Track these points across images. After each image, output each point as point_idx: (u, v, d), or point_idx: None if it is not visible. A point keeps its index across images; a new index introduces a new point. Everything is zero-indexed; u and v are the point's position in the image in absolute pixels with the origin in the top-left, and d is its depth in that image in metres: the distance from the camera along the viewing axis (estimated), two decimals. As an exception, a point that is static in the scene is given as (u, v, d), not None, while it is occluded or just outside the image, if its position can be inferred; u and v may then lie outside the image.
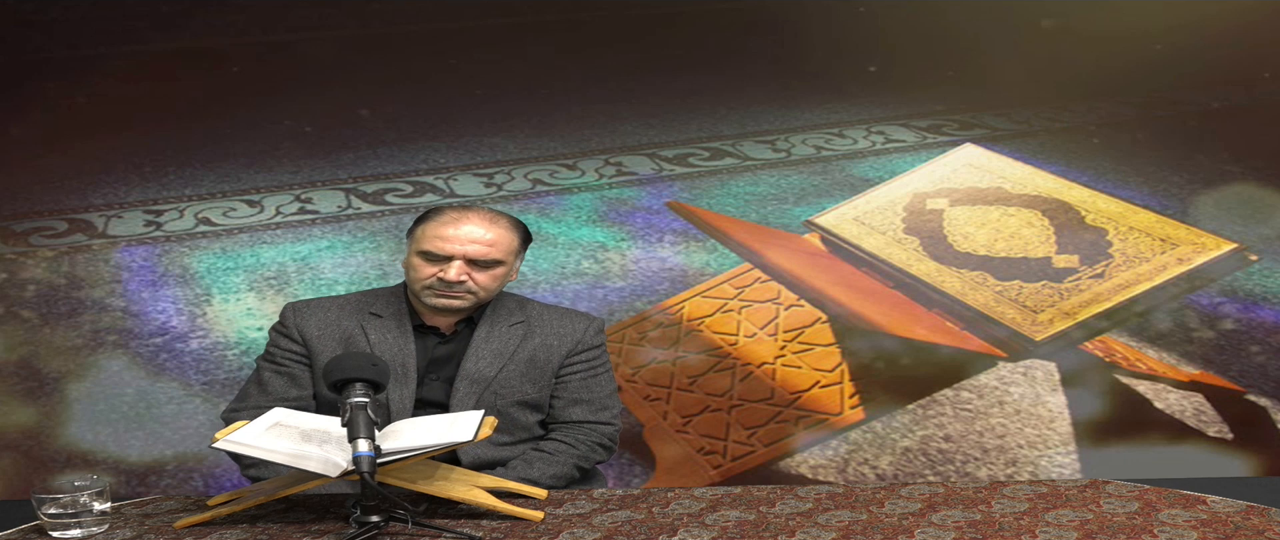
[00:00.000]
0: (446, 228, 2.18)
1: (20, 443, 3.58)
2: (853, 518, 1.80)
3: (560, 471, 2.20)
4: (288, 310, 2.30)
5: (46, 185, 3.75)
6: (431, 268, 2.18)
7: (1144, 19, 3.71)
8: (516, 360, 2.24)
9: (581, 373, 2.30)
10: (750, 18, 3.81)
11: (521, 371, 2.24)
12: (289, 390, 2.22)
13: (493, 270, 2.21)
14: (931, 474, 3.47)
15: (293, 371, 2.25)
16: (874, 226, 3.70)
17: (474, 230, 2.18)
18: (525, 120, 3.82)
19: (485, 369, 2.22)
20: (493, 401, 2.20)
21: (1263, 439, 3.48)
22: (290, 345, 2.26)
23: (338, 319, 2.26)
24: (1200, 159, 3.68)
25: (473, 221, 2.19)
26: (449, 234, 2.18)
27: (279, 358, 2.26)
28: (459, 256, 2.17)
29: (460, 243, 2.17)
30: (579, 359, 2.29)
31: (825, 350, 3.59)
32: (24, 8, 3.76)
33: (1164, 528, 1.70)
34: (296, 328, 2.26)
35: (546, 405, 2.29)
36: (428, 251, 2.18)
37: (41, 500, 1.79)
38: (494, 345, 2.24)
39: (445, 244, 2.17)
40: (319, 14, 3.81)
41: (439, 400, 2.21)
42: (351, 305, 2.29)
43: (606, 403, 2.31)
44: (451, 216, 2.20)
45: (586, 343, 2.30)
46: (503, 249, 2.21)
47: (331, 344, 2.23)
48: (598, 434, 2.28)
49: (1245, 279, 3.58)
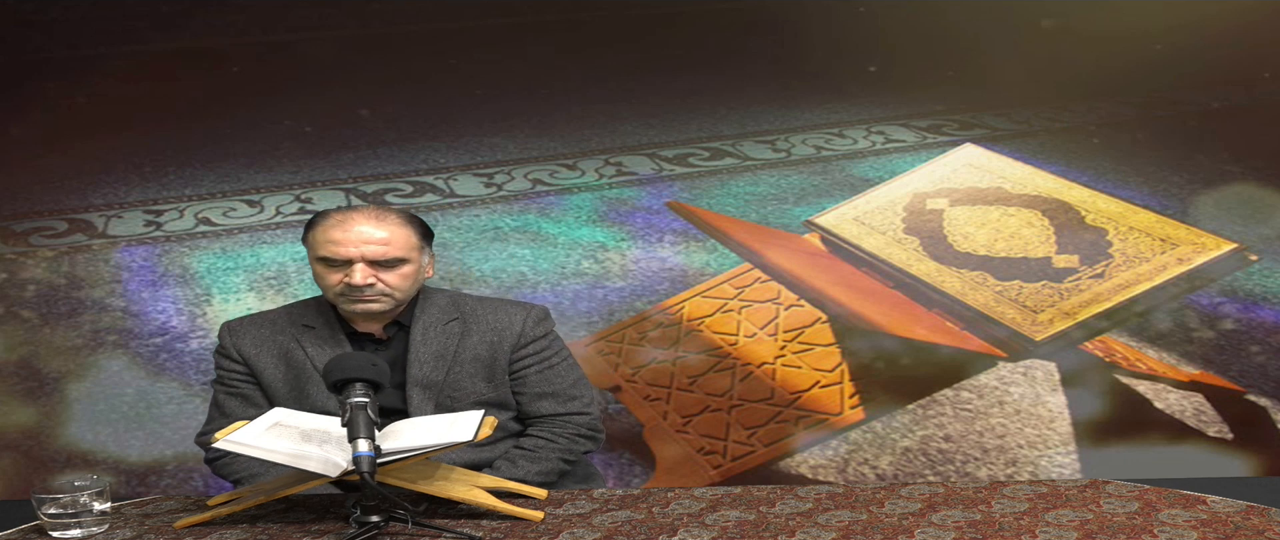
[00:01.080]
0: (334, 231, 2.13)
1: (20, 443, 3.58)
2: (853, 518, 1.80)
3: (547, 467, 2.19)
4: (223, 332, 2.27)
5: (46, 185, 3.75)
6: (335, 274, 2.13)
7: (1144, 19, 3.71)
8: (461, 361, 2.20)
9: (535, 366, 2.25)
10: (750, 18, 3.81)
11: (469, 371, 2.21)
12: (247, 410, 2.19)
13: (398, 269, 2.14)
14: (931, 474, 3.47)
15: (244, 391, 2.24)
16: (874, 226, 3.70)
17: (364, 230, 2.12)
18: (525, 120, 3.81)
19: (431, 373, 2.19)
20: (449, 405, 2.17)
21: (1263, 439, 3.48)
22: (233, 366, 2.25)
23: (271, 335, 2.23)
24: (1200, 159, 3.68)
25: (360, 221, 2.13)
26: (339, 237, 2.12)
27: (227, 380, 2.25)
28: (357, 259, 2.11)
29: (355, 244, 2.11)
30: (526, 352, 2.24)
31: (825, 350, 3.59)
32: (24, 8, 3.76)
33: (1164, 528, 1.70)
34: (235, 348, 2.24)
35: (511, 403, 2.25)
36: (324, 257, 2.13)
37: (41, 500, 1.79)
38: (433, 347, 2.20)
39: (339, 248, 2.12)
40: (319, 14, 3.81)
41: (397, 407, 2.17)
42: (283, 319, 2.25)
43: (572, 392, 2.27)
44: (337, 218, 2.14)
45: (529, 334, 2.24)
46: (401, 245, 2.14)
47: (270, 361, 2.21)
48: (574, 425, 2.25)
49: (1245, 279, 3.58)
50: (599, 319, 3.61)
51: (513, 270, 3.67)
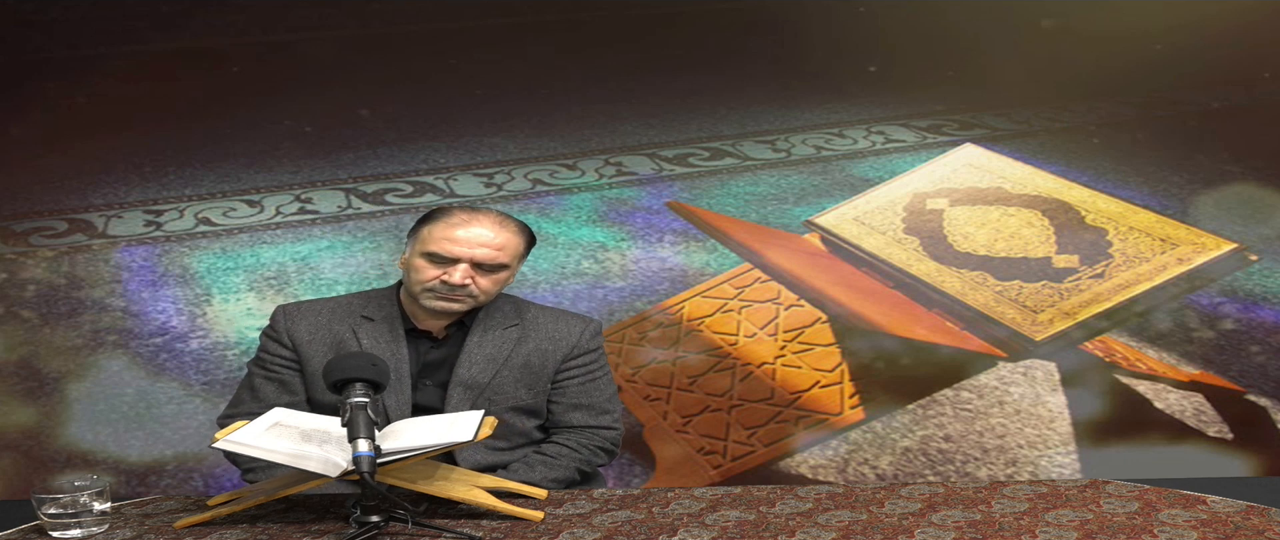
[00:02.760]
0: (455, 229, 2.13)
1: (20, 443, 3.58)
2: (853, 518, 1.80)
3: (561, 475, 2.19)
4: (278, 314, 2.25)
5: (46, 185, 3.75)
6: (435, 270, 2.14)
7: (1144, 19, 3.71)
8: (511, 365, 2.21)
9: (579, 377, 2.27)
10: (750, 18, 3.81)
11: (516, 377, 2.21)
12: (281, 397, 2.19)
13: (496, 275, 2.17)
14: (931, 474, 3.47)
15: (283, 377, 2.22)
16: (874, 226, 3.70)
17: (484, 233, 2.14)
18: (525, 120, 3.81)
19: (479, 375, 2.19)
20: (487, 407, 2.17)
21: (1263, 439, 3.48)
22: (280, 351, 2.23)
23: (329, 322, 2.22)
24: (1200, 159, 3.68)
25: (483, 224, 2.15)
26: (458, 236, 2.13)
27: (269, 363, 2.23)
28: (466, 259, 2.12)
29: (469, 245, 2.12)
30: (576, 364, 2.26)
31: (825, 350, 3.59)
32: (24, 8, 3.76)
33: (1164, 528, 1.70)
34: (287, 332, 2.22)
35: (544, 410, 2.26)
36: (434, 253, 2.13)
37: (41, 500, 1.79)
38: (487, 350, 2.21)
39: (454, 246, 2.12)
40: (319, 14, 3.81)
41: (434, 406, 2.18)
42: (343, 308, 2.25)
43: (606, 406, 2.28)
44: (461, 218, 2.15)
45: (583, 347, 2.26)
46: (510, 253, 2.17)
47: (322, 349, 2.20)
48: (599, 438, 2.26)
49: (1245, 279, 3.58)
50: (599, 319, 3.60)
51: (513, 270, 3.67)
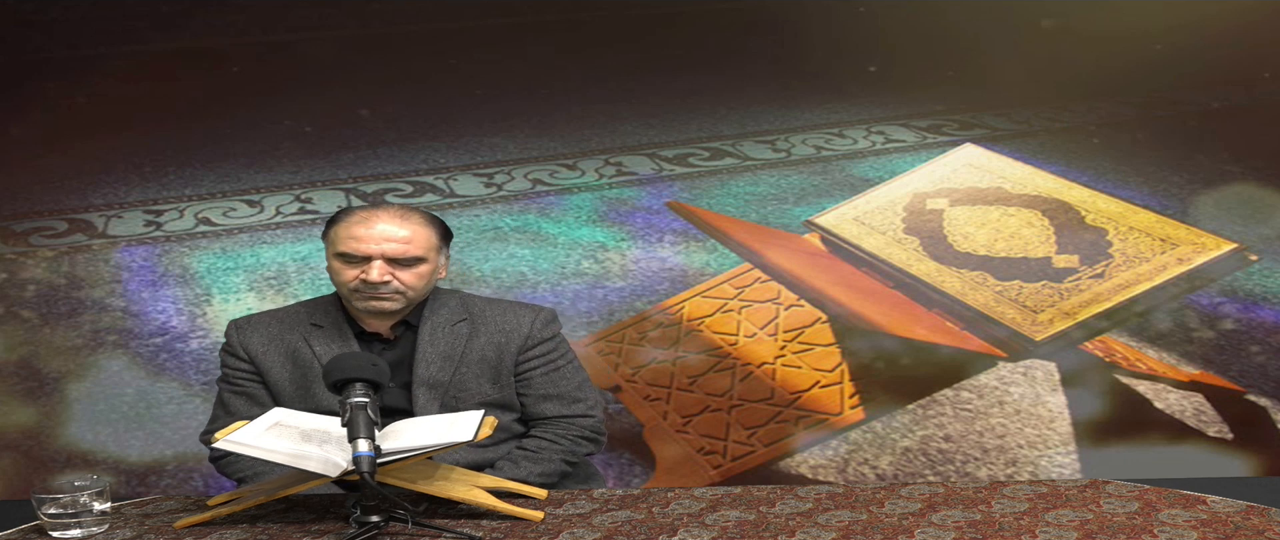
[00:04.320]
0: (358, 227, 2.15)
1: (20, 443, 3.58)
2: (853, 518, 1.80)
3: (548, 469, 2.19)
4: (231, 329, 2.27)
5: (46, 185, 3.75)
6: (352, 270, 2.15)
7: (1144, 19, 3.71)
8: (468, 361, 2.21)
9: (541, 368, 2.26)
10: (750, 18, 3.81)
11: (476, 372, 2.22)
12: (251, 410, 2.19)
13: (415, 268, 2.16)
14: (931, 474, 3.47)
15: (249, 390, 2.24)
16: (874, 226, 3.70)
17: (387, 228, 2.14)
18: (525, 120, 3.81)
19: (438, 373, 2.20)
20: (454, 405, 2.18)
21: (1263, 439, 3.48)
22: (240, 364, 2.25)
23: (280, 333, 2.24)
24: (1200, 159, 3.68)
25: (384, 219, 2.15)
26: (361, 233, 2.14)
27: (233, 378, 2.25)
28: (376, 256, 2.13)
29: (376, 241, 2.13)
30: (534, 354, 2.26)
31: (825, 350, 3.59)
32: (24, 8, 3.76)
33: (1164, 528, 1.70)
34: (242, 346, 2.24)
35: (515, 404, 2.26)
36: (344, 253, 2.15)
37: (41, 500, 1.79)
38: (440, 347, 2.21)
39: (360, 244, 2.14)
40: (319, 14, 3.81)
41: (401, 407, 2.17)
42: (292, 318, 2.26)
43: (577, 395, 2.28)
44: (361, 216, 2.17)
45: (537, 336, 2.26)
46: (421, 245, 2.16)
47: (278, 360, 2.22)
48: (577, 427, 2.26)
49: (1245, 279, 3.58)
50: (599, 319, 3.61)
51: (513, 270, 3.67)
